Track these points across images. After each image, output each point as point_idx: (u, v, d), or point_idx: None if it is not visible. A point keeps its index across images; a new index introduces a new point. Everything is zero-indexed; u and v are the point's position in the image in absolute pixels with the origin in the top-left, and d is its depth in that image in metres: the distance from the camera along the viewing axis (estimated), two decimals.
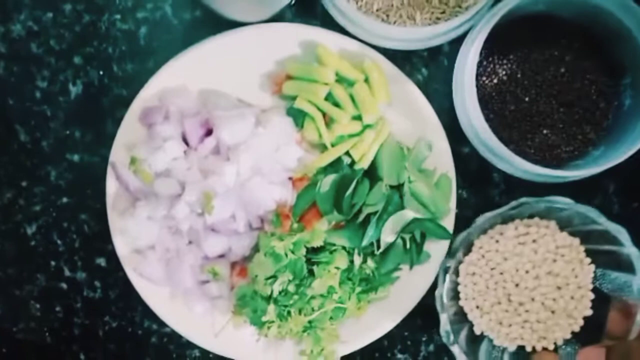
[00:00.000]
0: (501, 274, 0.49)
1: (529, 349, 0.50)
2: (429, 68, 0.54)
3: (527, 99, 0.52)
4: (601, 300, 0.49)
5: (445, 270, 0.47)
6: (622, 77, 0.51)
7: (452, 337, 0.48)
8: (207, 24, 0.54)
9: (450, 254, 0.48)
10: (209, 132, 0.52)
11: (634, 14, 0.46)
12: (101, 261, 0.57)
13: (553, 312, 0.49)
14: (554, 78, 0.52)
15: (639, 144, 0.46)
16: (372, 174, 0.52)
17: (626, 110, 0.51)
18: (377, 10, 0.48)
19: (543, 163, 0.51)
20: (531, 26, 0.51)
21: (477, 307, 0.50)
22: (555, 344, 0.50)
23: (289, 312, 0.50)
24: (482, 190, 0.55)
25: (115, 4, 0.55)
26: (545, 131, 0.52)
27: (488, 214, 0.47)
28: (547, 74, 0.52)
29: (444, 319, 0.48)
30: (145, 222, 0.51)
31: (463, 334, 0.50)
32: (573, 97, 0.52)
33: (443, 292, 0.48)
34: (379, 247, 0.50)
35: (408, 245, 0.51)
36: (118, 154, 0.53)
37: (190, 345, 0.56)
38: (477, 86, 0.49)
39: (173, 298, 0.54)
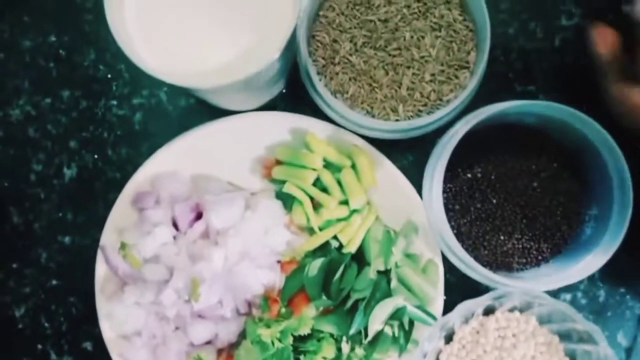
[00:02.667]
0: None
1: None
2: (414, 154, 0.56)
3: (494, 201, 0.53)
4: None
5: (424, 355, 0.47)
6: (589, 207, 0.53)
7: None
8: (201, 111, 0.56)
9: (429, 337, 0.47)
10: (198, 216, 0.53)
11: (610, 149, 0.48)
12: (87, 345, 0.56)
13: None
14: (525, 189, 0.53)
15: (582, 276, 0.47)
16: (360, 257, 0.53)
17: (585, 239, 0.52)
18: (362, 103, 0.50)
19: (493, 266, 0.52)
20: (516, 134, 0.52)
21: None
22: None
23: None
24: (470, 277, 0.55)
25: (112, 90, 0.57)
26: (502, 237, 0.53)
27: (468, 302, 0.47)
28: (520, 183, 0.53)
29: None
30: (132, 307, 0.51)
31: None
32: (538, 213, 0.53)
33: None
34: (366, 336, 0.50)
35: (396, 333, 0.51)
36: (109, 237, 0.53)
37: None
38: (450, 176, 0.50)
39: None
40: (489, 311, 0.50)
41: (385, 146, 0.54)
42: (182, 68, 0.44)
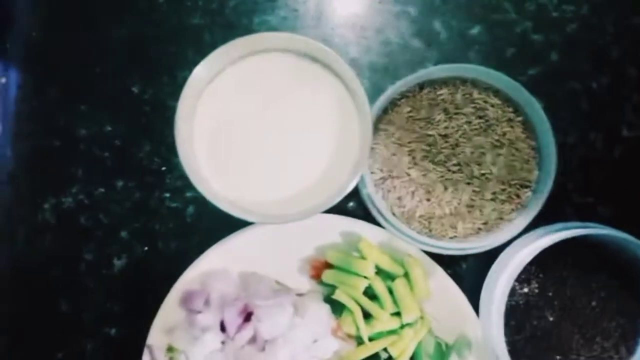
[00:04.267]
0: None
1: None
2: (468, 261, 0.54)
3: (551, 319, 0.51)
4: None
5: None
6: None
7: None
8: None
9: None
10: (247, 317, 0.53)
11: None
12: None
13: None
14: (583, 309, 0.51)
15: None
16: None
17: None
18: (419, 217, 0.49)
19: None
20: (575, 249, 0.51)
21: None
22: None
23: None
24: None
25: (165, 182, 0.57)
26: (558, 357, 0.51)
27: None
28: (578, 301, 0.51)
29: None
30: None
31: None
32: (596, 334, 0.51)
33: None
34: None
35: None
36: (156, 336, 0.53)
37: None
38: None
39: None
40: None
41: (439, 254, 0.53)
42: (243, 198, 0.44)
